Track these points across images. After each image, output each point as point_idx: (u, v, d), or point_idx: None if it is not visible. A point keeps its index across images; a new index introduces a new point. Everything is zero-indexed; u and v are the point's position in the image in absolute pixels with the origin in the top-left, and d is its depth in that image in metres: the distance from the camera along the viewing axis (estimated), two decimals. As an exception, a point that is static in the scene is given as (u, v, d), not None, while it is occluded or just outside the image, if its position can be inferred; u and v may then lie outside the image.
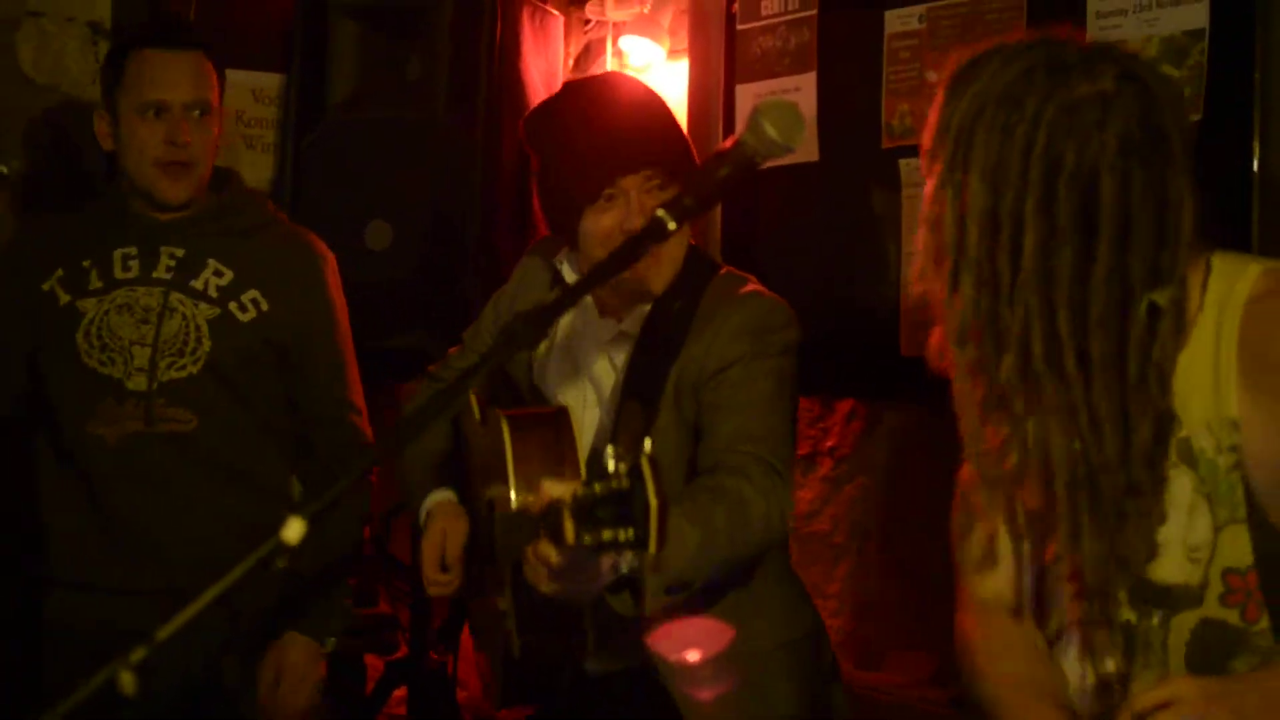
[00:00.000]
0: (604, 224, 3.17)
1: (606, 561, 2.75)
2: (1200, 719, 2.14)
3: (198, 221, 3.77)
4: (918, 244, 2.34)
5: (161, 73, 3.69)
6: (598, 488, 2.28)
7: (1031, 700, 2.43)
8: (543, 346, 3.43)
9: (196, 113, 3.71)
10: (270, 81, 5.19)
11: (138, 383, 3.67)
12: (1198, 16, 3.56)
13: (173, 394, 3.68)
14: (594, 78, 3.94)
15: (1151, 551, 2.31)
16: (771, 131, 2.27)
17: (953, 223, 2.26)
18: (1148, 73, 2.27)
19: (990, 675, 2.52)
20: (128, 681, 1.74)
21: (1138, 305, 2.21)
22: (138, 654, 1.76)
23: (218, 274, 3.76)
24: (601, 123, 3.22)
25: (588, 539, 2.30)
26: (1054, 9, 3.85)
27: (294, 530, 1.84)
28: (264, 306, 3.76)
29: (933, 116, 2.33)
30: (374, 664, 4.97)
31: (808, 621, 3.41)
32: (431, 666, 4.77)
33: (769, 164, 2.34)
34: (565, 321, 3.41)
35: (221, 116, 3.83)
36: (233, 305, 3.73)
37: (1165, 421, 2.27)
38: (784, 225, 4.63)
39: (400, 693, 4.87)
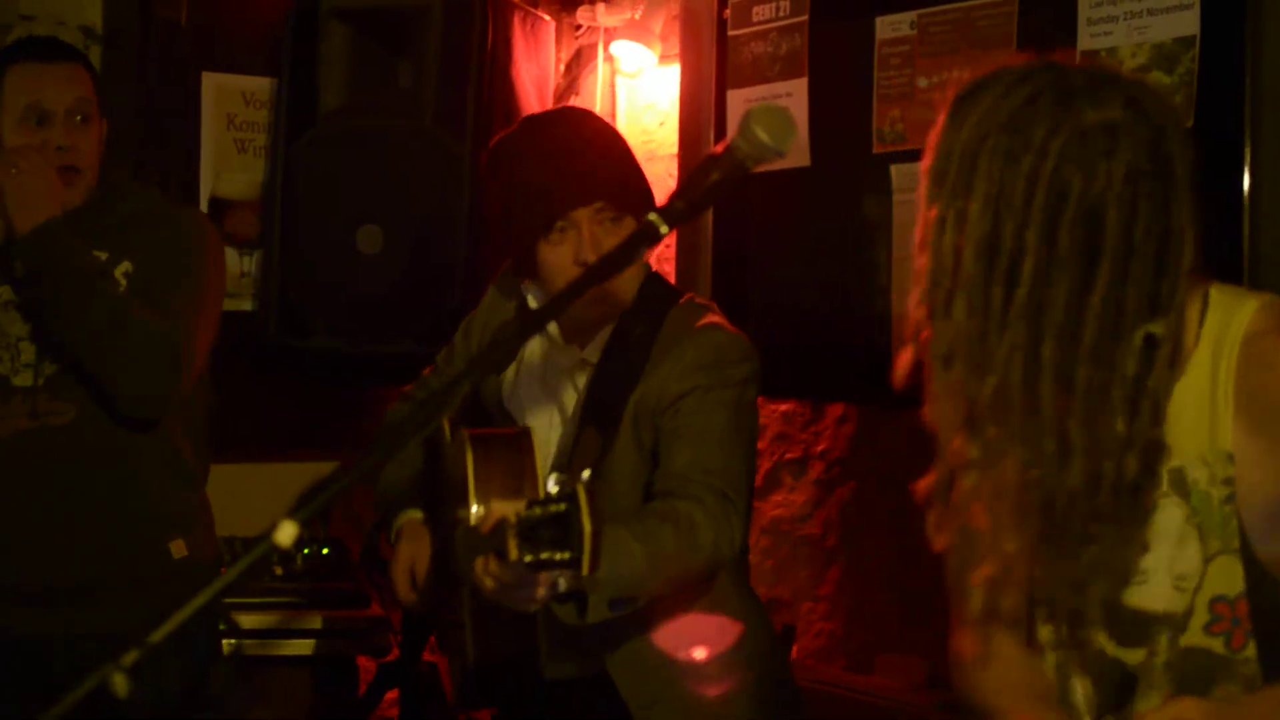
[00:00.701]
0: (558, 257, 3.22)
1: (545, 578, 2.79)
2: None
3: (75, 218, 3.71)
4: (917, 268, 2.33)
5: (40, 81, 3.72)
6: (538, 511, 2.44)
7: (1028, 703, 2.39)
8: (511, 370, 3.47)
9: (78, 118, 3.73)
10: (261, 85, 5.20)
11: (24, 379, 3.69)
12: (1188, 24, 3.56)
13: (54, 387, 3.70)
14: (551, 112, 3.98)
15: (1124, 579, 2.30)
16: (763, 135, 2.28)
17: (950, 249, 2.25)
18: (1153, 100, 2.25)
19: (985, 684, 2.47)
20: (120, 684, 1.73)
21: (1132, 335, 2.20)
22: (130, 656, 1.75)
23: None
24: (553, 155, 3.25)
25: (528, 558, 2.46)
26: (1045, 17, 3.86)
27: (285, 533, 1.84)
28: (131, 270, 3.73)
29: (933, 140, 2.31)
30: (366, 666, 4.97)
31: (762, 640, 3.42)
32: (423, 669, 4.77)
33: (760, 169, 2.34)
34: (533, 346, 3.45)
35: (102, 123, 3.84)
36: (104, 284, 3.70)
37: (1154, 451, 2.25)
38: (776, 231, 4.64)
39: (392, 695, 4.87)
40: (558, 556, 2.42)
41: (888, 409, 4.60)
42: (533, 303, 3.40)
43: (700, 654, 3.16)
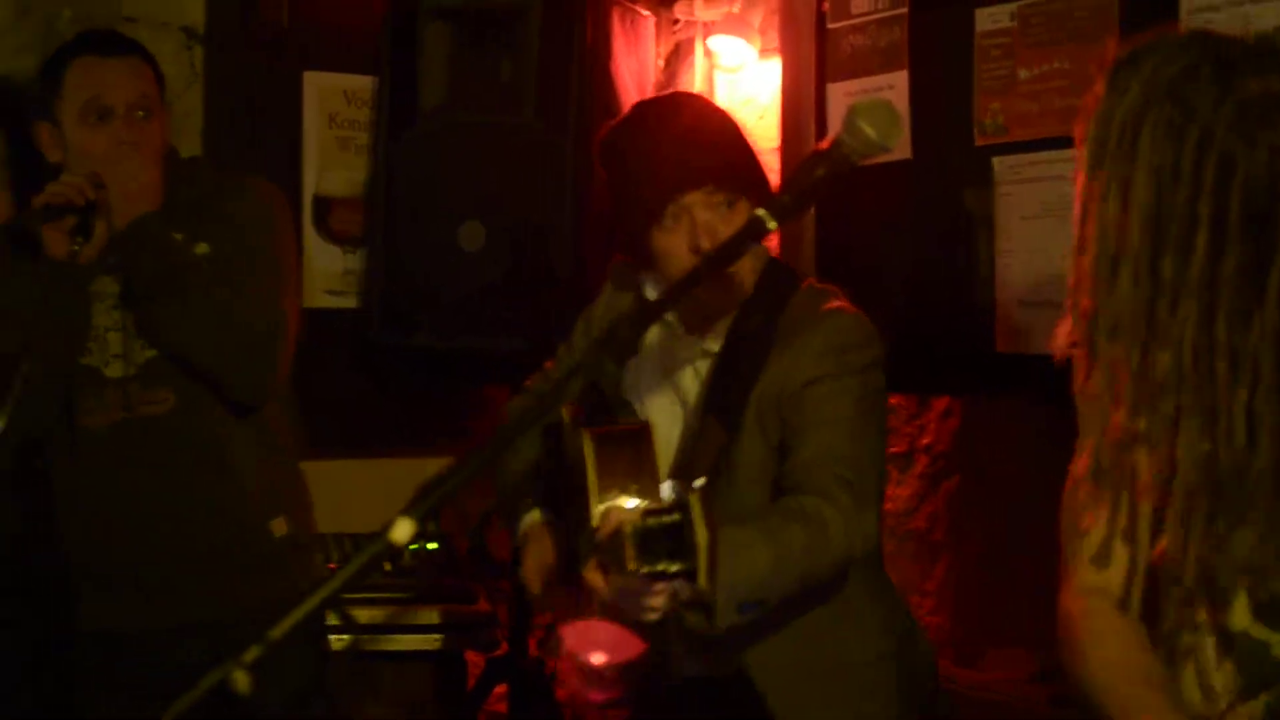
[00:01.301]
0: (672, 244, 3.17)
1: (664, 587, 2.78)
2: None
3: None
4: (1086, 234, 2.33)
5: (101, 76, 3.67)
6: (652, 522, 2.44)
7: (1141, 687, 2.36)
8: (630, 360, 3.44)
9: (140, 113, 3.69)
10: (362, 84, 5.24)
11: (115, 369, 3.69)
12: (1294, 9, 3.54)
13: (148, 375, 3.69)
14: (661, 97, 3.94)
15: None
16: (869, 131, 2.28)
17: (1115, 218, 2.25)
18: None
19: (1096, 659, 2.43)
20: (241, 680, 1.76)
21: None
22: (252, 653, 1.78)
23: None
24: (661, 141, 3.21)
25: (645, 569, 2.46)
26: (1146, 6, 3.83)
27: (402, 530, 1.86)
28: (208, 252, 3.70)
29: (1091, 105, 2.31)
30: (475, 661, 5.00)
31: (901, 630, 3.40)
32: (531, 664, 4.79)
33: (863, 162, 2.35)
34: (652, 336, 3.37)
35: (165, 116, 3.81)
36: (201, 277, 3.67)
37: None
38: (878, 224, 4.63)
39: (501, 689, 4.90)
40: (674, 568, 2.41)
41: (993, 402, 4.58)
42: (650, 293, 3.37)
43: (599, 659, 3.11)
